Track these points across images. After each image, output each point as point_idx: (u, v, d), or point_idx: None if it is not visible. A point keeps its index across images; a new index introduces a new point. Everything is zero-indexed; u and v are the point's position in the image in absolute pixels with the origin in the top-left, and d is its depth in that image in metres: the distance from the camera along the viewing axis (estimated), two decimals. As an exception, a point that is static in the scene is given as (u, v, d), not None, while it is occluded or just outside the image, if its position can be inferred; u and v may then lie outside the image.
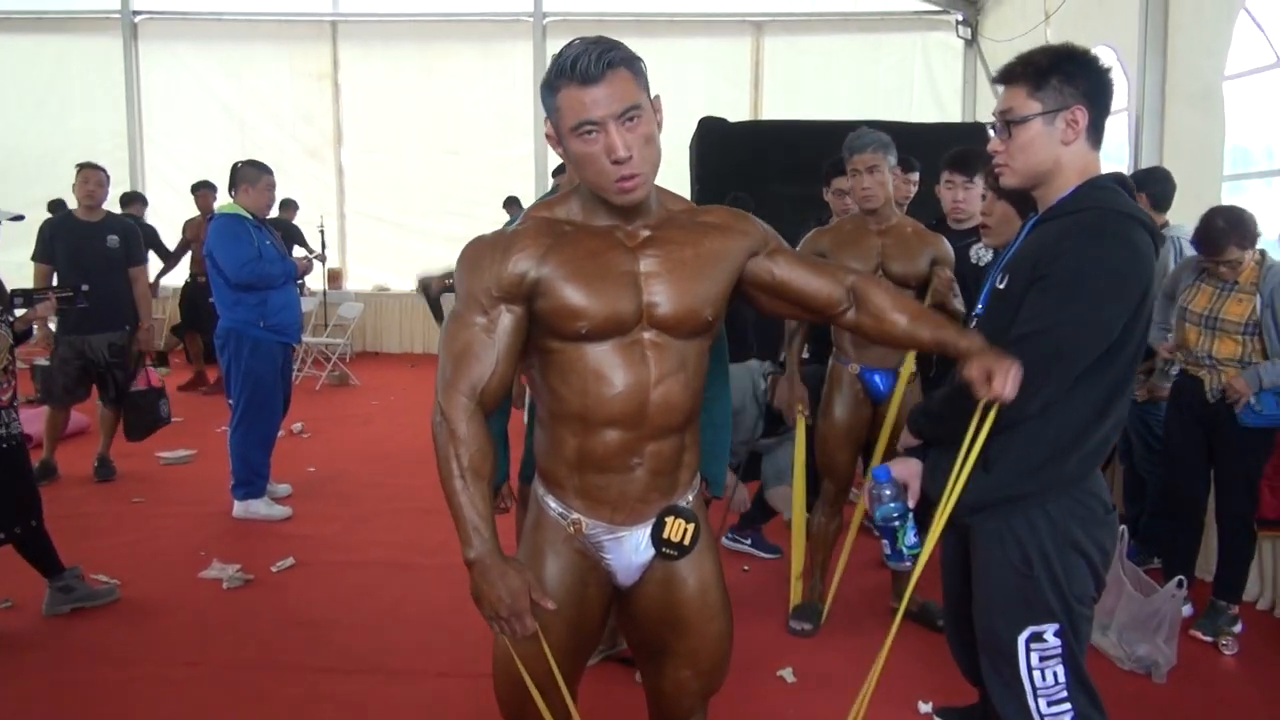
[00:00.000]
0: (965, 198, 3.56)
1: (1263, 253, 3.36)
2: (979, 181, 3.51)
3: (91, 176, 5.25)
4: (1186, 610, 3.45)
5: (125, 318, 5.29)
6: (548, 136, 1.64)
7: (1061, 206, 1.78)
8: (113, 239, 5.23)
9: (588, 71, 1.49)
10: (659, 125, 1.60)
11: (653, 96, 1.59)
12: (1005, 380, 1.61)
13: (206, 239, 4.73)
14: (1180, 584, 3.14)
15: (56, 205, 7.93)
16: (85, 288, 4.50)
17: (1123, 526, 3.36)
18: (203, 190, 8.30)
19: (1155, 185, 4.05)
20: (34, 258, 5.23)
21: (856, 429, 3.45)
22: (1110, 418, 1.77)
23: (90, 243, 5.19)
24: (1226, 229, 3.26)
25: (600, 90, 1.50)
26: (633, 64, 1.54)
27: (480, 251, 1.64)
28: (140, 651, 3.28)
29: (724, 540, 4.30)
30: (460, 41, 10.59)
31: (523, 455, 2.43)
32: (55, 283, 5.13)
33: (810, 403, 3.53)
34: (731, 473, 3.72)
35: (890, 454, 3.11)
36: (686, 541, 1.75)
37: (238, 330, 4.62)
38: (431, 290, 3.42)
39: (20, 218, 4.07)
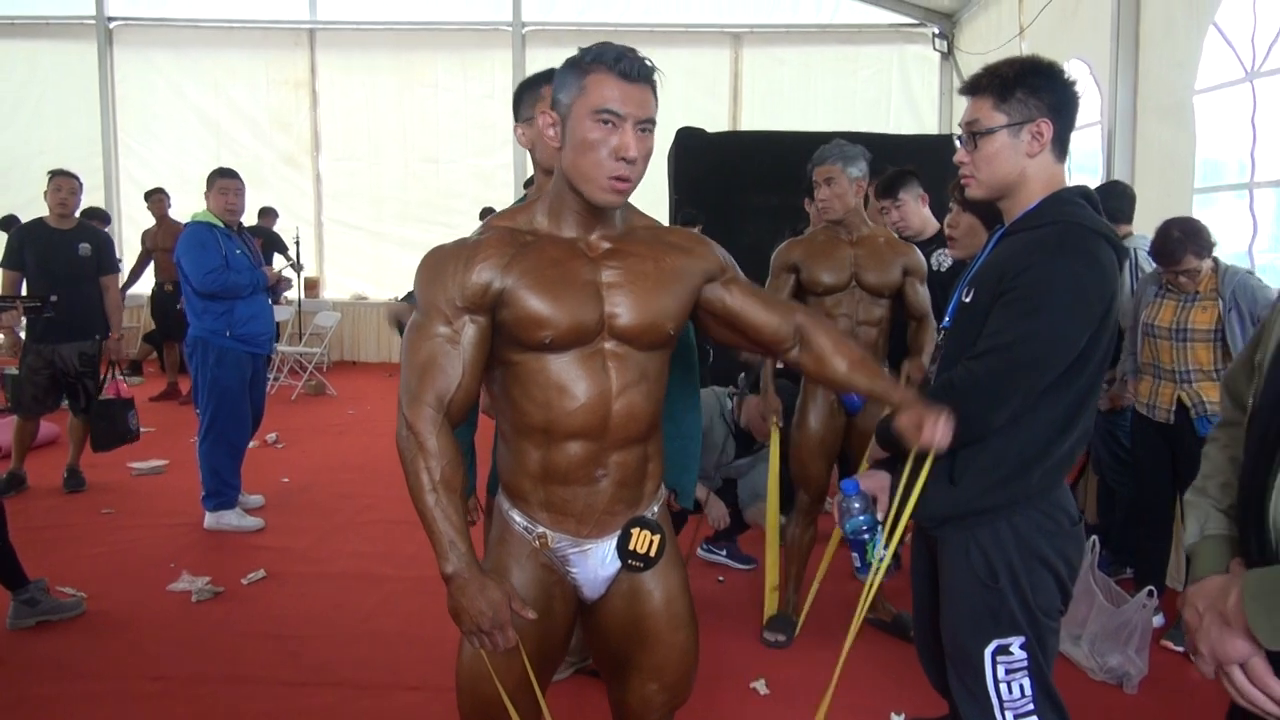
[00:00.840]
0: (899, 216, 3.74)
1: (1216, 260, 3.42)
2: (905, 197, 3.67)
3: (64, 184, 5.19)
4: (1158, 620, 3.47)
5: (96, 327, 5.22)
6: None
7: (1026, 220, 1.79)
8: (84, 247, 5.17)
9: (631, 70, 1.53)
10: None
11: None
12: (934, 429, 1.69)
13: (176, 247, 4.69)
14: (1150, 594, 3.16)
15: (9, 221, 7.81)
16: (54, 299, 4.43)
17: (1094, 537, 3.39)
18: (156, 195, 8.22)
19: (1112, 201, 4.09)
20: (1, 265, 5.16)
21: (830, 440, 3.45)
22: (1075, 431, 1.78)
23: (61, 251, 5.12)
24: (1183, 239, 3.32)
25: (635, 90, 1.54)
26: (657, 88, 1.59)
27: (442, 261, 1.63)
28: (106, 666, 3.23)
29: (699, 551, 4.29)
30: (439, 50, 10.56)
31: (490, 467, 2.40)
32: (24, 291, 5.07)
33: (784, 416, 3.55)
34: (707, 488, 3.72)
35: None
36: (652, 553, 1.74)
37: (205, 339, 4.58)
38: (405, 321, 3.41)
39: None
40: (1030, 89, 1.76)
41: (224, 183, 4.70)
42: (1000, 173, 1.80)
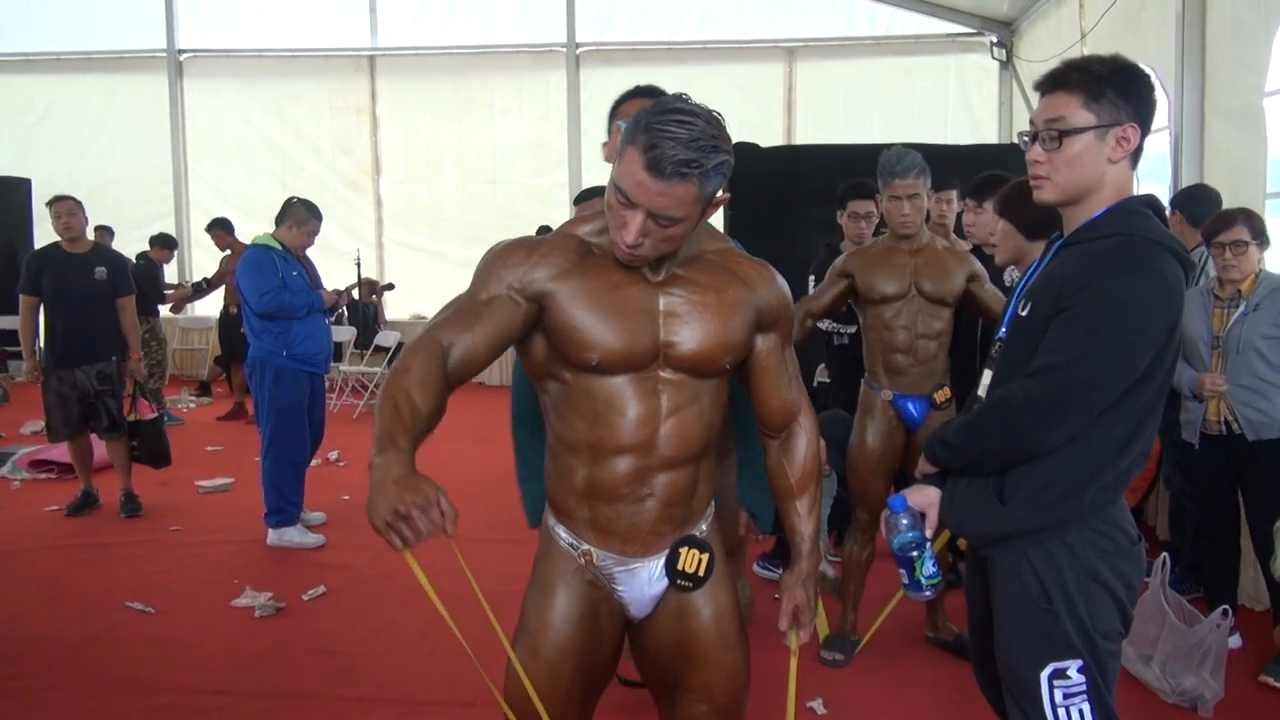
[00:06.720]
0: (974, 220, 3.54)
1: (1263, 268, 3.35)
2: (989, 206, 3.46)
3: (62, 209, 5.12)
4: (1234, 642, 3.33)
5: (112, 349, 5.17)
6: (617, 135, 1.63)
7: (1088, 230, 1.70)
8: (100, 270, 5.10)
9: (659, 165, 1.44)
10: (719, 206, 1.57)
11: (719, 195, 1.54)
12: (807, 631, 1.77)
13: (236, 268, 4.80)
14: (1225, 613, 3.04)
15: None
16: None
17: (1165, 554, 3.28)
18: (217, 230, 8.28)
19: (1196, 206, 3.97)
20: (19, 290, 5.16)
21: (889, 457, 3.40)
22: (1133, 450, 1.70)
23: (77, 275, 5.07)
24: (1240, 213, 3.28)
25: (657, 185, 1.46)
26: (710, 174, 1.48)
27: (510, 248, 1.65)
28: (170, 680, 3.30)
29: (755, 568, 4.25)
30: (495, 73, 10.70)
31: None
32: (42, 317, 5.16)
33: (837, 445, 3.51)
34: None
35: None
36: (701, 572, 1.72)
37: (263, 359, 4.68)
38: None
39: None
40: (1121, 90, 1.65)
41: (315, 225, 4.88)
42: (1081, 177, 1.69)
